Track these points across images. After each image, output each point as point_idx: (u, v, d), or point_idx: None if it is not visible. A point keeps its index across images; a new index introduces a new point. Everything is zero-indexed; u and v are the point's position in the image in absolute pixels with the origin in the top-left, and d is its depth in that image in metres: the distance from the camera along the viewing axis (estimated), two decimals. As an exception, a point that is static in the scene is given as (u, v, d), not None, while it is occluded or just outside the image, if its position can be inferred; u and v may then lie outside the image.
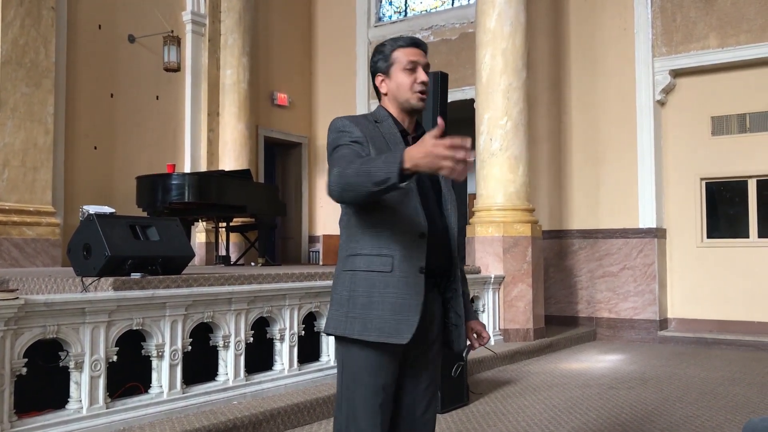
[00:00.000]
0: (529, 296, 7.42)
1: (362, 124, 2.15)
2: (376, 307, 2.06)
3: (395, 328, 2.04)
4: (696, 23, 8.36)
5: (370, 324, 2.06)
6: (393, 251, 2.07)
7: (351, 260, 2.14)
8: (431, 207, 2.16)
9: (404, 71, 2.18)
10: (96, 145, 8.47)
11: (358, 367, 2.11)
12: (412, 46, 2.20)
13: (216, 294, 4.30)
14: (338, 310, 2.13)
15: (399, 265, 2.07)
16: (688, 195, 8.60)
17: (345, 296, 2.12)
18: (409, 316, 2.05)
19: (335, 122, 2.17)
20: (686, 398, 5.24)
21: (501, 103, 7.47)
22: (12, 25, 7.18)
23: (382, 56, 2.22)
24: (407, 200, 2.09)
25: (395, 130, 2.19)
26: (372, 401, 2.09)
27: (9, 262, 7.02)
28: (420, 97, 2.18)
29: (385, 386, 2.11)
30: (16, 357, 3.27)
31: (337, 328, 2.12)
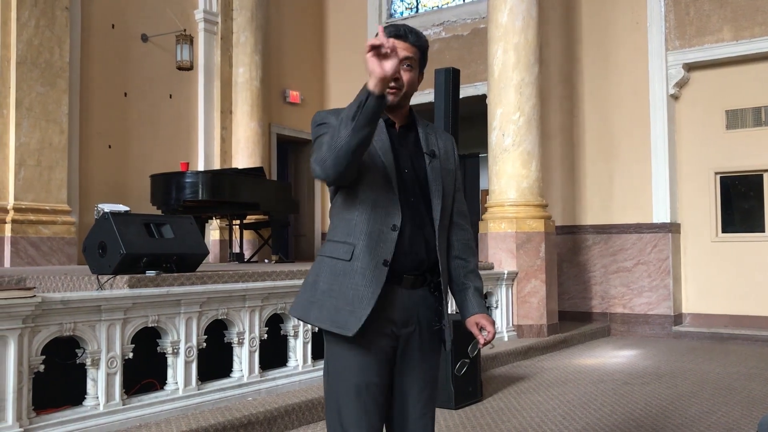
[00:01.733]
0: (542, 292, 7.40)
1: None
2: (334, 295, 2.02)
3: (345, 319, 2.00)
4: (710, 16, 8.30)
5: (325, 311, 2.03)
6: (357, 240, 2.03)
7: (324, 246, 2.13)
8: (413, 200, 2.09)
9: None
10: (110, 143, 8.53)
11: (342, 365, 2.06)
12: (393, 36, 2.06)
13: (230, 291, 4.32)
14: (304, 293, 2.11)
15: (360, 255, 2.02)
16: (702, 189, 8.54)
17: (311, 281, 2.11)
18: (360, 308, 1.99)
19: (315, 116, 2.14)
20: (701, 394, 5.22)
21: (513, 99, 7.45)
22: (27, 25, 7.24)
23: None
24: (386, 192, 2.04)
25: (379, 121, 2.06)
26: (355, 400, 2.03)
27: (26, 261, 7.09)
28: (392, 92, 2.05)
29: (369, 384, 2.04)
30: (34, 354, 3.31)
31: (298, 311, 2.11)
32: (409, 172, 2.11)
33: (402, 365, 2.12)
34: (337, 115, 2.03)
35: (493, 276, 7.16)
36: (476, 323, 2.19)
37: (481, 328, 2.19)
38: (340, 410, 2.05)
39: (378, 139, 2.06)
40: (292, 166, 11.74)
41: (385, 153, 2.06)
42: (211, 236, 9.60)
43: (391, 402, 2.13)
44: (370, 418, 2.04)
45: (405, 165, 2.10)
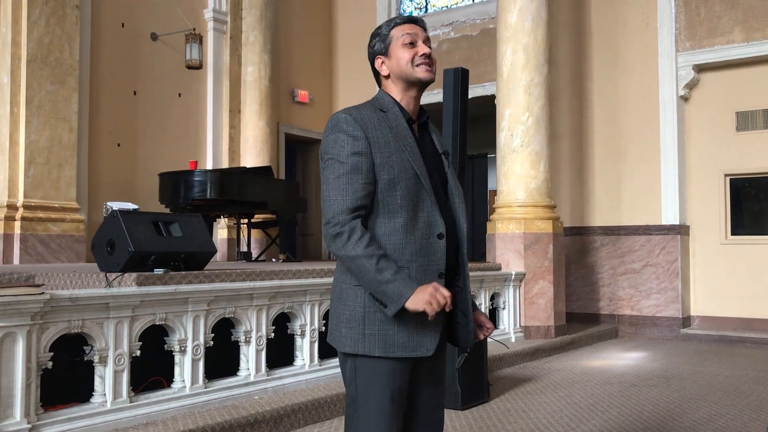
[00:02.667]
0: (550, 293, 7.38)
1: (366, 119, 2.01)
2: (396, 322, 1.96)
3: (418, 341, 1.98)
4: (720, 17, 8.26)
5: (391, 339, 1.97)
6: (410, 262, 1.97)
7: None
8: (442, 203, 2.06)
9: (404, 47, 2.07)
10: (119, 142, 8.56)
11: (374, 372, 2.00)
12: (408, 22, 2.10)
13: (238, 290, 4.33)
14: (353, 328, 2.00)
15: (416, 275, 1.97)
16: (712, 191, 8.50)
17: (359, 313, 1.99)
18: (432, 327, 1.99)
19: (335, 117, 2.03)
20: (710, 397, 5.19)
21: (522, 99, 7.43)
22: (37, 24, 7.27)
23: (380, 37, 2.12)
24: (421, 203, 2.00)
25: (402, 120, 2.06)
26: (388, 405, 2.00)
27: (35, 258, 7.13)
28: (426, 69, 2.06)
29: (401, 389, 2.03)
30: (42, 351, 3.33)
31: (356, 347, 2.00)
32: (434, 176, 2.07)
33: (424, 364, 2.09)
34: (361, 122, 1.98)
35: (501, 277, 7.14)
36: (474, 321, 2.16)
37: (479, 325, 2.18)
38: (371, 416, 2.01)
39: (406, 143, 2.02)
40: (300, 166, 11.75)
41: (415, 158, 2.01)
42: (219, 235, 9.62)
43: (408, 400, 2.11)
44: (399, 421, 2.04)
45: (431, 169, 2.06)
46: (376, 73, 2.16)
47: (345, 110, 2.04)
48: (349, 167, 1.95)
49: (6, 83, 7.19)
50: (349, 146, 1.96)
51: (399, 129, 2.04)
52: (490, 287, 6.98)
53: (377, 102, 2.10)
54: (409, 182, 1.98)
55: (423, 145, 2.09)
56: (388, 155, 1.98)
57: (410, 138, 2.04)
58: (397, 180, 1.97)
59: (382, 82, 2.15)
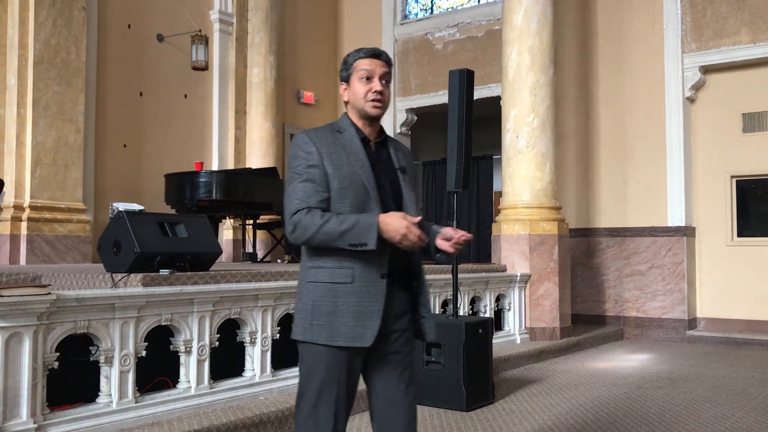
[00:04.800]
0: (555, 295, 7.37)
1: (321, 138, 2.28)
2: (340, 315, 2.21)
3: (360, 333, 2.20)
4: (727, 18, 8.23)
5: (335, 330, 2.20)
6: (353, 263, 2.21)
7: (314, 272, 2.27)
8: (390, 205, 2.28)
9: (361, 80, 2.31)
10: (125, 143, 8.58)
11: (316, 360, 2.24)
12: (371, 56, 2.32)
13: (243, 290, 4.34)
14: (304, 318, 2.27)
15: (359, 275, 2.21)
16: (718, 193, 8.47)
17: (309, 306, 2.25)
18: (371, 321, 2.21)
19: (295, 138, 2.32)
20: (716, 399, 5.17)
21: (528, 100, 7.43)
22: (44, 25, 7.30)
23: (345, 66, 2.36)
24: (369, 209, 2.22)
25: (356, 139, 2.31)
26: (328, 392, 2.22)
27: (41, 258, 7.15)
28: (374, 105, 2.29)
29: (340, 379, 2.23)
30: (48, 351, 3.34)
31: (305, 335, 2.26)
32: (386, 188, 2.31)
33: (383, 355, 2.31)
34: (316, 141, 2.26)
35: (506, 278, 7.13)
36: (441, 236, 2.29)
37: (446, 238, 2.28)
38: (314, 403, 2.22)
39: (357, 158, 2.26)
40: (305, 167, 11.74)
41: (365, 172, 2.25)
42: (224, 236, 9.63)
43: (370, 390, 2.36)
44: (341, 408, 2.25)
45: (383, 182, 2.30)
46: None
47: (304, 131, 2.33)
48: (304, 177, 2.24)
49: (13, 84, 7.22)
50: (304, 161, 2.25)
51: (351, 147, 2.29)
52: (496, 288, 6.97)
53: (336, 124, 2.36)
54: (357, 193, 2.23)
55: (379, 161, 2.34)
56: (339, 168, 2.24)
57: (362, 154, 2.28)
58: (347, 190, 2.22)
59: (345, 105, 2.40)
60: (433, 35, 10.57)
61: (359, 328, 2.20)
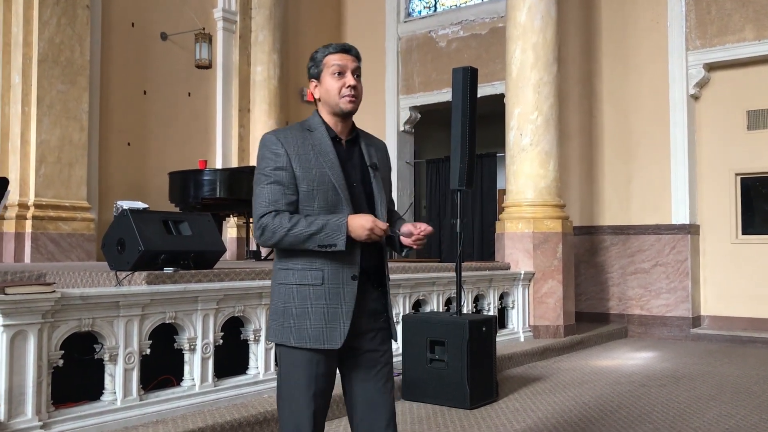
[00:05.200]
0: (559, 293, 7.36)
1: (290, 138, 2.25)
2: (309, 317, 2.20)
3: (329, 335, 2.20)
4: (731, 15, 8.21)
5: (304, 332, 2.20)
6: (323, 265, 2.20)
7: (284, 274, 2.27)
8: (362, 210, 2.25)
9: (333, 76, 2.27)
10: (129, 141, 8.60)
11: (293, 361, 2.24)
12: (341, 51, 2.30)
13: (247, 288, 4.34)
14: (276, 320, 2.27)
15: (329, 277, 2.20)
16: (722, 190, 8.45)
17: (280, 308, 2.26)
18: (340, 323, 2.20)
19: (262, 138, 2.29)
20: (720, 397, 5.17)
21: (531, 98, 7.42)
22: (48, 24, 7.31)
23: (314, 63, 2.33)
24: (340, 212, 2.20)
25: (326, 138, 2.28)
26: (305, 393, 2.22)
27: (45, 257, 7.17)
28: (349, 100, 2.27)
29: (318, 377, 2.23)
30: (53, 349, 3.35)
31: (276, 337, 2.27)
32: (358, 186, 2.29)
33: (358, 353, 2.30)
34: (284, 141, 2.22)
35: (510, 276, 7.13)
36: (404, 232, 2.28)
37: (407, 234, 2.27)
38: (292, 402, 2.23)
39: (326, 158, 2.24)
40: (309, 165, 11.75)
41: (334, 171, 2.23)
42: (228, 234, 9.64)
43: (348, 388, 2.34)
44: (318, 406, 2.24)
45: (354, 179, 2.28)
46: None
47: (272, 132, 2.31)
48: (272, 179, 2.21)
49: (17, 83, 7.24)
50: (272, 162, 2.22)
51: (321, 147, 2.26)
52: (499, 287, 6.97)
53: (306, 123, 2.33)
54: (327, 193, 2.21)
55: (349, 159, 2.31)
56: (308, 169, 2.21)
57: (332, 154, 2.25)
58: (315, 191, 2.20)
59: (316, 103, 2.36)
60: (436, 33, 10.56)
61: (327, 330, 2.19)
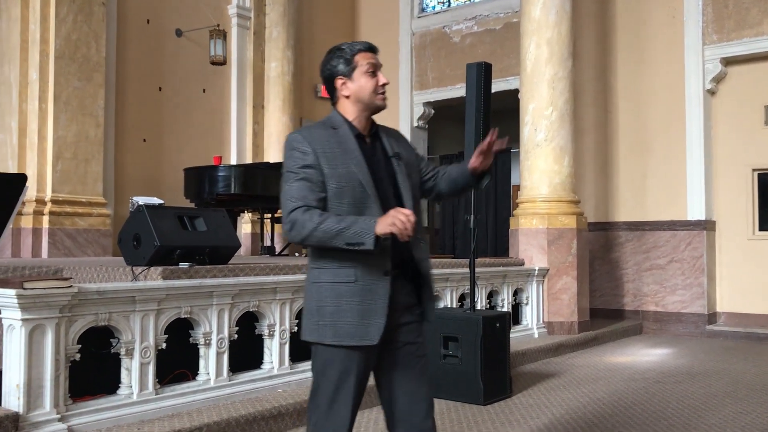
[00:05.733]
0: (573, 289, 7.34)
1: (316, 136, 2.26)
2: (344, 315, 2.21)
3: (365, 331, 2.20)
4: (749, 9, 8.12)
5: (341, 330, 2.21)
6: (356, 262, 2.20)
7: (317, 273, 2.28)
8: (390, 204, 2.24)
9: (366, 74, 2.31)
10: (145, 137, 8.65)
11: (329, 358, 2.24)
12: (369, 50, 2.35)
13: (261, 284, 4.37)
14: (310, 319, 2.28)
15: (362, 274, 2.21)
16: (739, 186, 8.37)
17: (315, 307, 2.26)
18: (376, 319, 2.21)
19: (288, 137, 2.30)
20: (736, 394, 5.13)
21: (546, 93, 7.38)
22: (65, 21, 7.37)
23: (343, 60, 2.33)
24: (368, 208, 2.21)
25: (350, 136, 2.29)
26: (343, 391, 2.23)
27: (62, 252, 7.24)
28: (383, 98, 2.33)
29: (352, 377, 2.24)
30: (71, 343, 3.39)
31: (312, 335, 2.27)
32: (384, 181, 2.30)
33: (391, 349, 2.30)
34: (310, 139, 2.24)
35: (524, 272, 7.11)
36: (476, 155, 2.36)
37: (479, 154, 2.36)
38: (328, 399, 2.23)
39: (352, 156, 2.25)
40: (323, 161, 11.76)
41: (361, 169, 2.24)
42: (242, 229, 9.69)
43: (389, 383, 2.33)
44: (355, 403, 2.26)
45: (380, 176, 2.29)
46: (332, 89, 2.38)
47: (298, 130, 2.32)
48: (300, 176, 2.22)
49: (35, 80, 7.31)
50: (300, 160, 2.23)
51: (347, 144, 2.27)
52: (513, 283, 6.95)
53: (329, 121, 2.35)
54: (354, 191, 2.22)
55: (374, 155, 2.33)
56: (335, 167, 2.22)
57: (357, 152, 2.27)
58: (344, 189, 2.21)
59: (338, 99, 2.37)
60: (450, 28, 10.53)
61: (363, 327, 2.20)
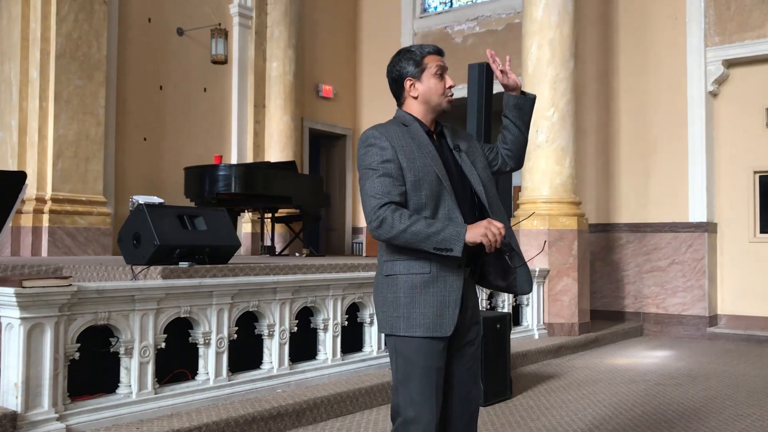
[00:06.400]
0: (574, 290, 7.32)
1: (391, 132, 2.29)
2: (418, 306, 2.23)
3: (438, 323, 2.23)
4: (751, 11, 8.11)
5: (414, 321, 2.23)
6: (430, 255, 2.21)
7: (391, 266, 2.30)
8: (463, 197, 2.31)
9: (435, 76, 2.35)
10: (145, 136, 8.65)
11: (412, 352, 2.26)
12: (437, 53, 2.39)
13: (261, 283, 4.35)
14: (385, 311, 2.31)
15: (437, 267, 2.23)
16: (740, 188, 8.36)
17: (390, 298, 2.29)
18: (450, 310, 2.24)
19: (364, 134, 2.32)
20: (736, 396, 5.12)
21: (548, 94, 7.37)
22: (66, 19, 7.36)
23: (413, 61, 2.36)
24: (444, 200, 2.25)
25: (422, 132, 2.34)
26: (427, 382, 2.24)
27: (62, 251, 7.23)
28: (450, 100, 2.38)
29: (438, 368, 2.26)
30: (70, 342, 3.38)
31: (386, 327, 2.31)
32: (455, 174, 2.34)
33: (456, 345, 2.33)
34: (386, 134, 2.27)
35: (525, 273, 7.08)
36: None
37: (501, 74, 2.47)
38: (412, 393, 2.25)
39: (427, 150, 2.30)
40: (323, 160, 11.78)
41: (436, 162, 2.28)
42: (243, 229, 9.68)
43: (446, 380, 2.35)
44: (438, 397, 2.27)
45: (451, 169, 2.34)
46: (399, 90, 2.41)
47: (373, 127, 2.34)
48: (381, 173, 2.24)
49: (35, 78, 7.30)
50: (378, 156, 2.25)
51: (420, 139, 2.32)
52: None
53: (399, 119, 2.39)
54: (432, 184, 2.25)
55: (443, 150, 2.38)
56: (412, 160, 2.26)
57: (430, 147, 2.32)
58: (422, 182, 2.24)
59: (405, 99, 2.41)
60: (452, 29, 10.53)
61: (437, 318, 2.22)
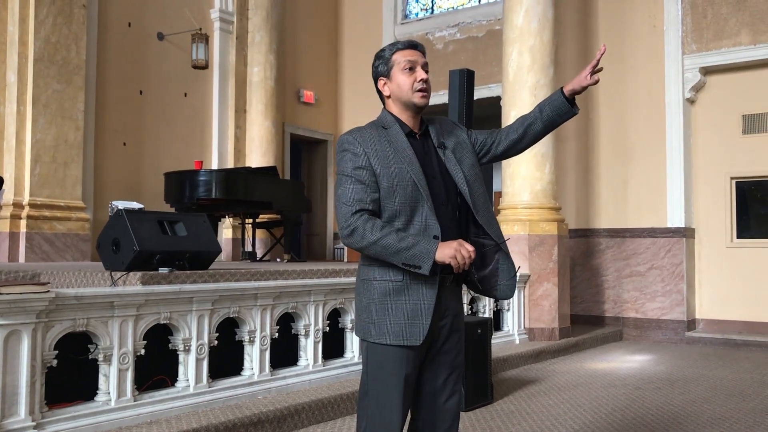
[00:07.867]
0: (554, 295, 7.37)
1: (367, 137, 2.26)
2: (390, 313, 2.21)
3: (409, 331, 2.20)
4: (728, 20, 8.23)
5: (385, 329, 2.21)
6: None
7: (366, 271, 2.28)
8: (443, 202, 2.26)
9: (404, 72, 2.29)
10: (125, 141, 8.58)
11: (381, 359, 2.23)
12: (409, 48, 2.32)
13: (242, 289, 4.34)
14: (360, 315, 2.30)
15: (411, 273, 2.17)
16: (718, 194, 8.47)
17: (364, 303, 2.27)
18: (422, 319, 2.20)
19: (340, 139, 2.30)
20: (714, 400, 5.18)
21: (528, 101, 7.42)
22: (44, 23, 7.30)
23: (382, 60, 2.33)
24: (420, 207, 2.20)
25: (401, 134, 2.29)
26: (394, 390, 2.21)
27: (40, 256, 7.15)
28: (422, 95, 2.29)
29: (407, 376, 2.23)
30: (47, 349, 3.34)
31: (360, 332, 2.30)
32: (437, 179, 2.28)
33: (434, 354, 2.30)
34: (362, 140, 2.23)
35: (505, 278, 7.11)
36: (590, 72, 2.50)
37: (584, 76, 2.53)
38: (380, 400, 2.22)
39: (404, 155, 2.24)
40: (305, 166, 11.76)
41: (413, 167, 2.23)
42: (223, 234, 9.63)
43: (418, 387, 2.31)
44: (405, 405, 2.24)
45: (432, 173, 2.28)
46: (379, 91, 2.38)
47: (349, 132, 2.30)
48: (354, 179, 2.21)
49: (13, 82, 7.22)
50: (351, 162, 2.22)
51: (398, 143, 2.27)
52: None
53: (380, 120, 2.34)
54: (407, 190, 2.20)
55: (426, 153, 2.31)
56: (386, 166, 2.21)
57: (408, 151, 2.26)
58: (396, 188, 2.20)
59: (385, 100, 2.38)
60: (433, 35, 10.57)
61: (408, 327, 2.19)
